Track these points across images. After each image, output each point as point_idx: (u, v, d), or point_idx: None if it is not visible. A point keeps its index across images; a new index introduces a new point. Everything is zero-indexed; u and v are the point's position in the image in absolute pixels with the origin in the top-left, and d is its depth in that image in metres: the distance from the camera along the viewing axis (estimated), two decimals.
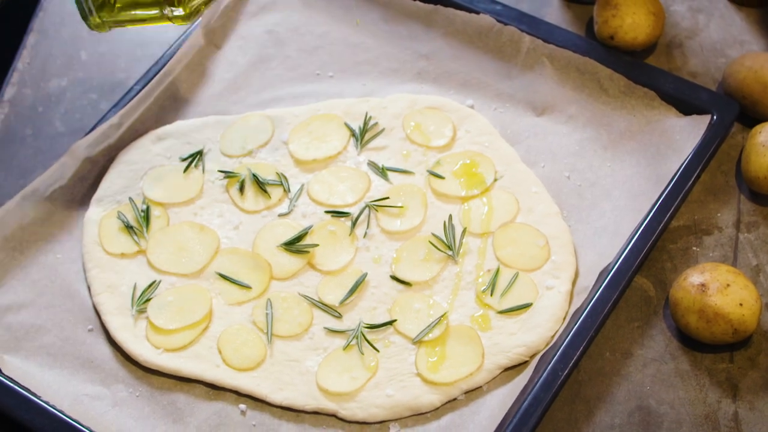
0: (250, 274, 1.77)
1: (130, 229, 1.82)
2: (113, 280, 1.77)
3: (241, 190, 1.86)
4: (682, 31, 2.08)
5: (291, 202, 1.85)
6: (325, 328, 1.71)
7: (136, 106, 1.94)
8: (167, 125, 1.96)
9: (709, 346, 1.68)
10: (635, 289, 1.75)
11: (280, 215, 1.84)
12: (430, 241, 1.79)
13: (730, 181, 1.87)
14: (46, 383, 1.66)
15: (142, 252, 1.81)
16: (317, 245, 1.79)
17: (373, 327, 1.70)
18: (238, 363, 1.68)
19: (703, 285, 1.65)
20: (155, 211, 1.85)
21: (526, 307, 1.71)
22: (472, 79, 2.01)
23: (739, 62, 1.92)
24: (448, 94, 2.00)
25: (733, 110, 1.87)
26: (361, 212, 1.83)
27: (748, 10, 2.10)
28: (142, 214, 1.83)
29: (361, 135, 1.92)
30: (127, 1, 1.67)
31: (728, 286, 1.64)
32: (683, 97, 1.89)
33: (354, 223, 1.82)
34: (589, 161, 1.88)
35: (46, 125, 2.01)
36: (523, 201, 1.83)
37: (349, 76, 2.04)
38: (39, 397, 1.61)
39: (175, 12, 1.70)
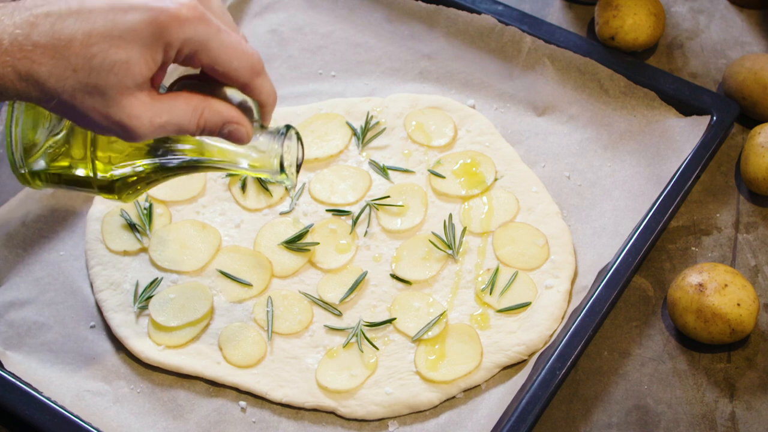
0: (252, 271, 1.77)
1: (132, 227, 1.82)
2: (115, 278, 1.77)
3: (243, 188, 1.87)
4: (683, 32, 2.08)
5: (292, 200, 1.85)
6: (325, 326, 1.72)
7: None
8: None
9: (706, 346, 1.68)
10: (634, 289, 1.75)
11: (282, 214, 1.84)
12: (430, 240, 1.79)
13: (730, 181, 1.87)
14: (48, 379, 1.66)
15: (144, 249, 1.81)
16: (318, 243, 1.79)
17: (372, 325, 1.70)
18: (239, 360, 1.68)
19: (701, 285, 1.65)
20: (158, 209, 1.85)
21: (525, 306, 1.71)
22: (474, 79, 2.01)
23: (739, 63, 1.92)
24: (449, 94, 2.00)
25: (733, 111, 1.87)
26: (362, 211, 1.83)
27: (749, 12, 2.10)
28: (145, 212, 1.83)
29: (363, 134, 1.92)
30: (58, 178, 1.54)
31: (726, 286, 1.64)
32: (683, 98, 1.89)
33: (355, 222, 1.82)
34: (589, 161, 1.88)
35: None
36: (523, 200, 1.83)
37: (351, 75, 2.04)
38: (41, 393, 1.61)
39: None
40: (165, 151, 1.48)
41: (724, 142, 1.90)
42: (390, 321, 1.71)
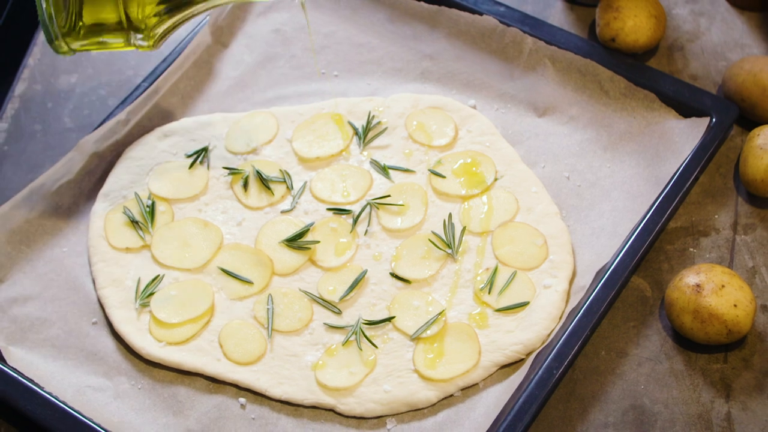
0: (252, 269, 1.77)
1: (135, 224, 1.82)
2: (118, 274, 1.77)
3: (245, 186, 1.87)
4: (684, 34, 2.07)
5: (294, 199, 1.85)
6: (325, 324, 1.71)
7: (144, 103, 1.94)
8: (174, 122, 1.96)
9: (703, 347, 1.68)
10: (632, 289, 1.74)
11: (283, 212, 1.84)
12: (429, 240, 1.78)
13: (728, 183, 1.86)
14: (50, 374, 1.67)
15: (146, 247, 1.81)
16: (318, 242, 1.79)
17: (372, 323, 1.70)
18: (239, 357, 1.68)
19: (699, 286, 1.64)
20: (160, 207, 1.85)
21: (524, 305, 1.71)
22: (475, 80, 2.00)
23: (739, 65, 1.91)
24: (451, 94, 2.00)
25: (732, 113, 1.86)
26: (363, 210, 1.83)
27: (750, 14, 2.09)
28: (148, 210, 1.83)
29: (364, 134, 1.92)
30: (92, 29, 1.66)
31: (723, 287, 1.64)
32: (683, 100, 1.88)
33: (355, 221, 1.82)
34: (588, 162, 1.88)
35: (56, 121, 2.01)
36: (523, 200, 1.83)
37: (354, 75, 2.04)
38: (42, 388, 1.61)
39: (140, 41, 1.70)
40: None
41: (723, 143, 1.89)
42: (389, 319, 1.70)
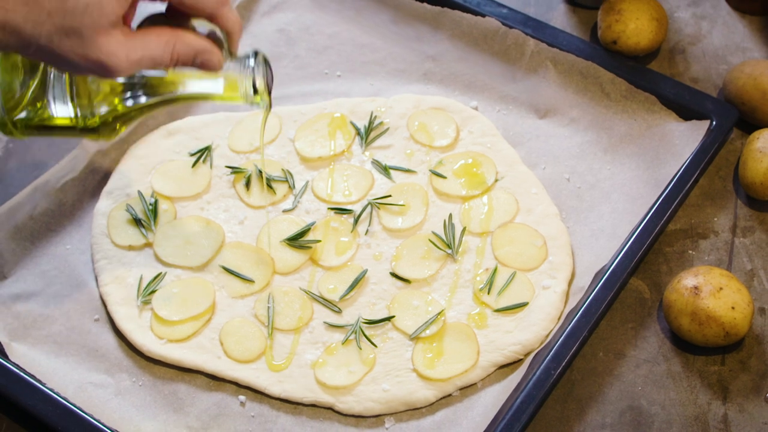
0: (254, 268, 1.77)
1: (138, 222, 1.82)
2: (120, 272, 1.77)
3: (247, 185, 1.86)
4: (685, 37, 2.07)
5: (295, 198, 1.85)
6: (325, 323, 1.71)
7: None
8: (178, 121, 1.96)
9: (701, 349, 1.67)
10: (630, 291, 1.74)
11: (285, 211, 1.84)
12: (430, 240, 1.78)
13: (728, 186, 1.86)
14: (52, 371, 1.66)
15: (149, 244, 1.81)
16: (319, 241, 1.79)
17: (371, 322, 1.70)
18: (239, 355, 1.68)
19: (697, 288, 1.64)
20: (163, 205, 1.85)
21: (523, 306, 1.70)
22: (477, 81, 2.00)
23: (739, 69, 1.90)
24: (453, 95, 1.99)
25: (732, 116, 1.86)
26: (364, 209, 1.83)
27: (751, 18, 2.09)
28: (150, 208, 1.83)
29: (366, 134, 1.92)
30: (41, 126, 1.59)
31: (721, 289, 1.63)
32: (683, 103, 1.88)
33: (356, 220, 1.81)
34: (589, 164, 1.87)
35: None
36: (523, 202, 1.83)
37: (357, 75, 2.04)
38: (44, 384, 1.61)
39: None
40: (141, 86, 1.53)
41: (723, 146, 1.89)
42: (389, 319, 1.70)
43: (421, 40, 2.06)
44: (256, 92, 1.55)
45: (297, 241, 1.79)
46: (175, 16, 1.47)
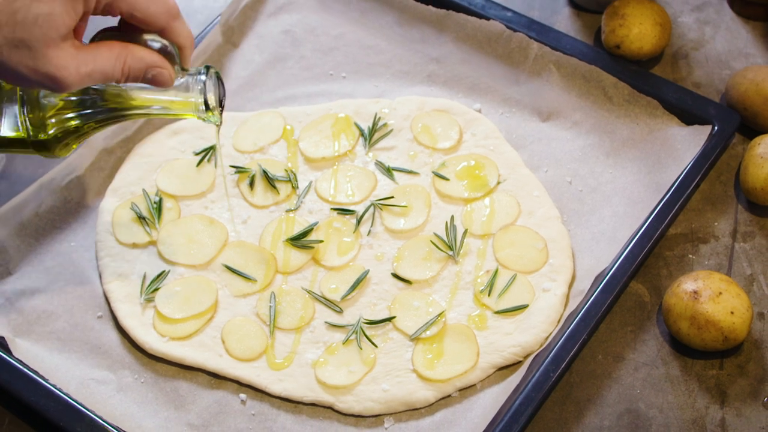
0: (256, 267, 1.77)
1: (142, 220, 1.82)
2: (124, 269, 1.77)
3: (251, 185, 1.86)
4: (689, 42, 2.06)
5: (299, 198, 1.85)
6: (326, 323, 1.71)
7: None
8: (183, 120, 1.95)
9: (699, 353, 1.66)
10: (630, 295, 1.73)
11: (288, 211, 1.83)
12: (431, 241, 1.78)
13: (729, 191, 1.85)
14: (55, 367, 1.66)
15: (153, 242, 1.81)
16: (322, 241, 1.78)
17: (372, 323, 1.70)
18: (240, 353, 1.68)
19: (696, 292, 1.63)
20: (167, 203, 1.84)
21: (523, 308, 1.70)
22: (481, 84, 2.00)
23: (742, 74, 1.90)
24: (457, 98, 1.99)
25: (734, 121, 1.85)
26: (366, 210, 1.82)
27: (755, 24, 2.08)
28: (155, 206, 1.83)
29: (370, 135, 1.91)
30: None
31: (720, 294, 1.63)
32: (685, 107, 1.87)
33: (359, 221, 1.81)
34: (591, 167, 1.87)
35: None
36: (525, 204, 1.82)
37: (361, 77, 2.03)
38: (46, 380, 1.61)
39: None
40: (93, 102, 1.52)
41: (724, 151, 1.88)
42: (389, 319, 1.70)
43: (426, 43, 2.05)
44: (208, 108, 1.54)
45: (300, 240, 1.78)
46: (128, 30, 1.47)
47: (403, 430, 1.61)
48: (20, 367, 1.63)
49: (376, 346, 1.67)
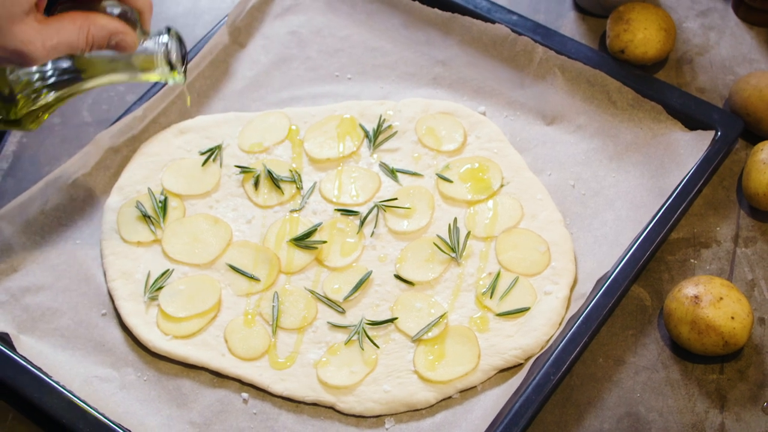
0: (260, 267, 1.76)
1: (147, 219, 1.82)
2: (128, 267, 1.77)
3: (256, 185, 1.86)
4: (693, 47, 2.06)
5: (303, 198, 1.84)
6: (329, 323, 1.71)
7: (160, 100, 1.94)
8: (189, 119, 1.95)
9: (700, 357, 1.66)
10: (632, 298, 1.73)
11: (292, 211, 1.83)
12: (434, 243, 1.77)
13: (731, 196, 1.84)
14: (58, 364, 1.66)
15: (157, 241, 1.80)
16: (325, 242, 1.78)
17: (374, 324, 1.69)
18: (243, 353, 1.68)
19: (697, 297, 1.63)
20: (172, 202, 1.84)
21: (524, 310, 1.69)
22: (486, 87, 1.99)
23: (745, 80, 1.89)
24: (461, 100, 1.98)
25: (737, 127, 1.84)
26: (370, 211, 1.82)
27: (759, 30, 2.07)
28: (160, 205, 1.83)
29: (375, 136, 1.91)
30: None
31: (721, 299, 1.62)
32: (689, 112, 1.86)
33: (362, 222, 1.81)
34: (594, 171, 1.86)
35: (74, 115, 2.00)
36: (528, 207, 1.82)
37: (367, 78, 2.03)
38: (50, 377, 1.61)
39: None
40: (60, 73, 1.54)
41: (727, 157, 1.87)
42: (392, 320, 1.69)
43: (431, 45, 2.05)
44: (172, 68, 1.57)
45: (303, 241, 1.78)
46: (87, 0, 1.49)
47: (404, 431, 1.61)
48: (24, 363, 1.62)
49: (377, 347, 1.67)
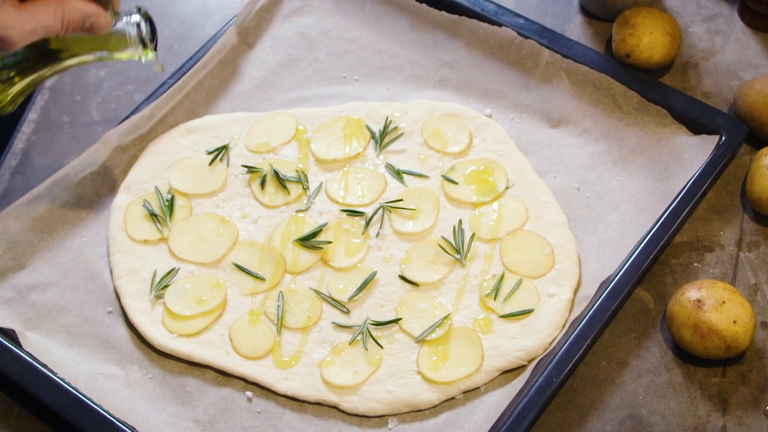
0: (265, 266, 1.76)
1: (154, 217, 1.81)
2: (135, 266, 1.77)
3: (262, 185, 1.85)
4: (699, 52, 2.05)
5: (309, 199, 1.84)
6: (333, 323, 1.70)
7: (168, 100, 1.94)
8: (196, 119, 1.95)
9: (702, 360, 1.65)
10: (635, 301, 1.72)
11: (298, 211, 1.83)
12: (439, 244, 1.77)
13: (735, 200, 1.83)
14: (64, 361, 1.66)
15: (164, 240, 1.80)
16: (331, 242, 1.77)
17: (378, 324, 1.69)
18: (248, 352, 1.67)
19: (700, 301, 1.62)
20: (179, 201, 1.84)
21: (528, 312, 1.69)
22: (492, 89, 1.98)
23: (750, 85, 1.88)
24: (468, 102, 1.98)
25: (742, 132, 1.84)
26: (375, 212, 1.81)
27: (764, 35, 2.07)
28: (167, 204, 1.83)
29: (381, 138, 1.90)
30: None
31: (724, 303, 1.61)
32: (694, 117, 1.86)
33: (368, 223, 1.80)
34: (599, 174, 1.85)
35: (83, 113, 2.00)
36: (533, 209, 1.81)
37: (374, 80, 2.02)
38: (55, 374, 1.61)
39: None
40: (35, 57, 1.57)
41: (731, 161, 1.86)
42: (396, 321, 1.69)
43: (438, 47, 2.04)
44: (144, 47, 1.61)
45: (309, 241, 1.78)
46: None
47: (407, 431, 1.60)
48: (30, 360, 1.62)
49: (381, 347, 1.66)
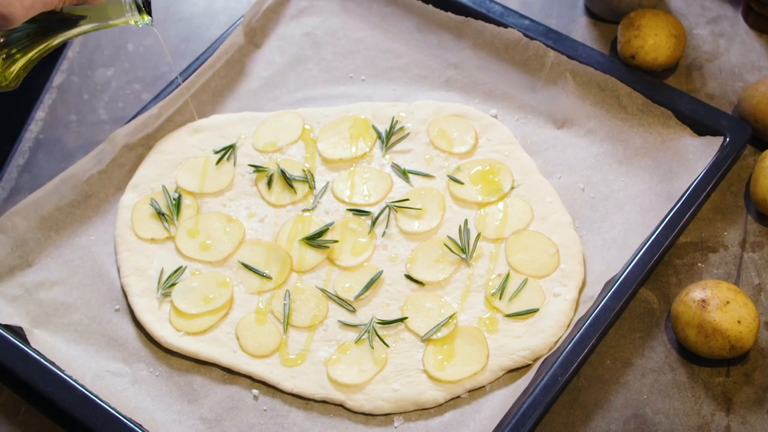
0: (272, 265, 1.76)
1: (161, 216, 1.81)
2: (142, 264, 1.76)
3: (269, 184, 1.85)
4: (703, 53, 2.04)
5: (315, 198, 1.83)
6: (339, 322, 1.70)
7: (176, 99, 1.93)
8: (204, 118, 1.95)
9: (706, 360, 1.65)
10: (640, 301, 1.72)
11: (304, 210, 1.82)
12: (445, 244, 1.76)
13: (739, 201, 1.83)
14: (71, 358, 1.66)
15: (171, 238, 1.80)
16: (337, 241, 1.77)
17: (384, 323, 1.69)
18: (254, 350, 1.67)
19: (704, 301, 1.62)
20: (186, 200, 1.84)
21: (533, 312, 1.68)
22: (497, 90, 1.98)
23: (754, 87, 1.88)
24: (473, 103, 1.97)
25: (746, 133, 1.83)
26: (382, 212, 1.81)
27: None
28: (174, 202, 1.82)
29: (387, 138, 1.90)
30: None
31: (728, 303, 1.61)
32: (698, 118, 1.85)
33: (374, 222, 1.80)
34: (604, 175, 1.85)
35: (90, 112, 2.00)
36: (538, 210, 1.80)
37: (380, 80, 2.02)
38: (63, 371, 1.60)
39: None
40: (35, 32, 1.57)
41: (735, 162, 1.86)
42: (402, 320, 1.69)
43: (444, 48, 2.04)
44: (140, 11, 1.62)
45: (315, 240, 1.77)
46: None
47: (413, 430, 1.60)
48: (37, 357, 1.62)
49: (387, 346, 1.66)
